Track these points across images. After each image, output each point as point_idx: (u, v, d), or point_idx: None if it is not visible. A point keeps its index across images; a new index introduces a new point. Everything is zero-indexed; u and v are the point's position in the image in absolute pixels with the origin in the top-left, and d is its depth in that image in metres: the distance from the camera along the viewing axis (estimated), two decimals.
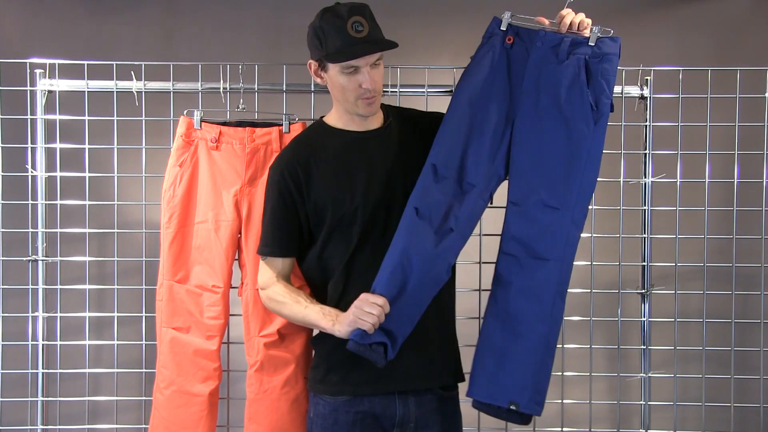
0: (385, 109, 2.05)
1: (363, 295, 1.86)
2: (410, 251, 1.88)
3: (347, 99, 1.93)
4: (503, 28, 2.00)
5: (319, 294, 2.02)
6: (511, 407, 1.93)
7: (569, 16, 1.98)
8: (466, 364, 2.03)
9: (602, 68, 1.96)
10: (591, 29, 1.98)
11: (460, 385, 2.06)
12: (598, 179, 2.46)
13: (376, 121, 2.01)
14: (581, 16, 1.98)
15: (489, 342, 1.97)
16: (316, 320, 1.93)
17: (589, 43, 1.97)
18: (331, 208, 1.94)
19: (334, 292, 1.96)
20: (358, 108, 1.94)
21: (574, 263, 2.39)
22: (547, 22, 2.00)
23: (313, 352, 2.07)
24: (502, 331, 1.96)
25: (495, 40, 2.01)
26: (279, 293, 1.99)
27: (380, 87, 1.94)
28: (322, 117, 2.05)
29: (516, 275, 1.96)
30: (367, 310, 1.83)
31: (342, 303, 1.94)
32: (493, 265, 2.01)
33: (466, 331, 2.22)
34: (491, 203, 2.02)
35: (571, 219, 1.95)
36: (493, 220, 2.20)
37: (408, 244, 1.89)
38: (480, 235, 2.36)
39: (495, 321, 1.97)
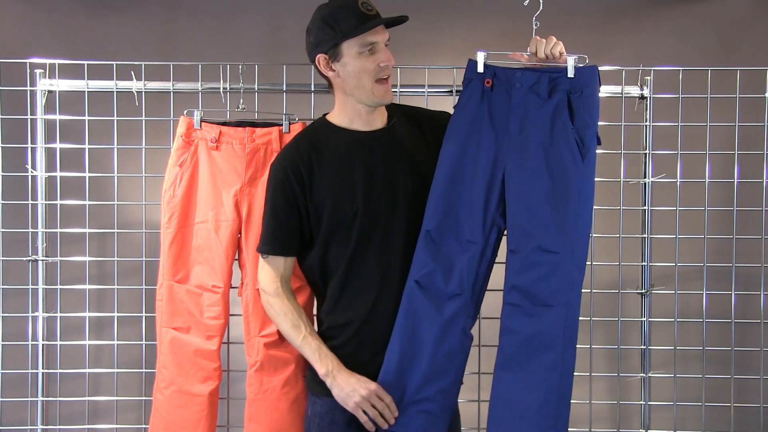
0: (389, 108, 2.03)
1: (374, 386, 1.87)
2: (419, 327, 1.89)
3: (364, 86, 1.91)
4: (480, 70, 1.95)
5: (320, 295, 2.02)
6: None
7: (541, 45, 1.93)
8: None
9: (584, 102, 1.92)
10: (567, 58, 1.92)
11: (468, 386, 2.05)
12: (599, 179, 2.47)
13: (379, 121, 2.00)
14: (552, 41, 1.93)
15: (502, 395, 1.93)
16: (310, 360, 1.94)
17: (568, 76, 1.92)
18: (331, 208, 1.93)
19: (334, 293, 1.96)
20: (375, 95, 1.92)
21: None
22: (523, 56, 1.97)
23: None
24: (515, 383, 1.91)
25: (474, 85, 1.96)
26: (281, 309, 1.98)
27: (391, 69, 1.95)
28: (325, 115, 2.04)
29: (522, 325, 1.91)
30: (373, 402, 1.86)
31: (340, 304, 1.94)
32: (501, 265, 1.98)
33: None
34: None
35: (572, 261, 1.90)
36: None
37: (413, 321, 1.90)
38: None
39: (505, 374, 1.92)
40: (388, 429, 1.89)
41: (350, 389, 1.88)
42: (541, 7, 2.00)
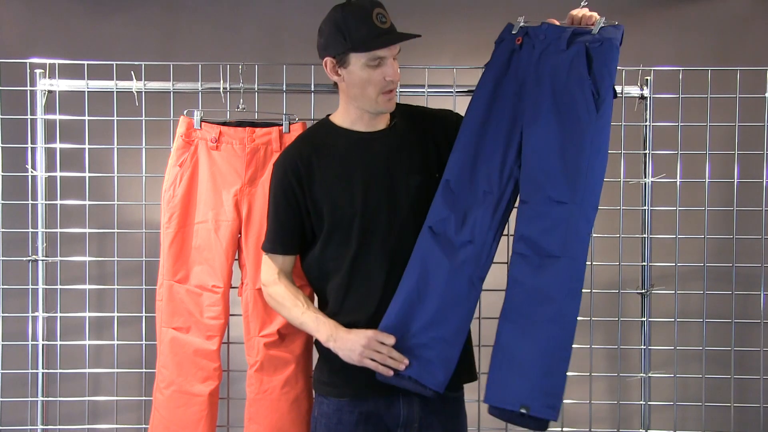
0: None
1: (371, 333, 1.86)
2: (426, 272, 1.88)
3: (368, 95, 1.91)
4: (514, 32, 1.98)
5: (320, 294, 2.02)
6: (522, 411, 1.85)
7: (580, 11, 1.97)
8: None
9: (603, 53, 1.90)
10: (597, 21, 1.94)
11: (469, 386, 2.05)
12: None
13: (382, 122, 1.99)
14: (592, 12, 1.96)
15: (501, 345, 1.92)
16: (311, 329, 1.95)
17: (593, 33, 1.92)
18: (330, 208, 1.93)
19: (338, 295, 1.95)
20: (379, 104, 1.92)
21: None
22: (557, 23, 1.98)
23: (315, 352, 2.07)
24: (514, 334, 1.90)
25: (505, 45, 1.99)
26: (279, 294, 2.00)
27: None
28: (329, 115, 2.03)
29: (527, 275, 1.90)
30: (375, 348, 1.85)
31: (345, 306, 1.94)
32: (501, 265, 1.99)
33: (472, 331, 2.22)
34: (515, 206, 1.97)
35: (581, 213, 1.87)
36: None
37: (423, 266, 1.89)
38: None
39: (507, 324, 1.92)
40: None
41: (351, 345, 1.87)
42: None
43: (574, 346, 1.88)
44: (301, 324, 1.97)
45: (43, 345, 2.49)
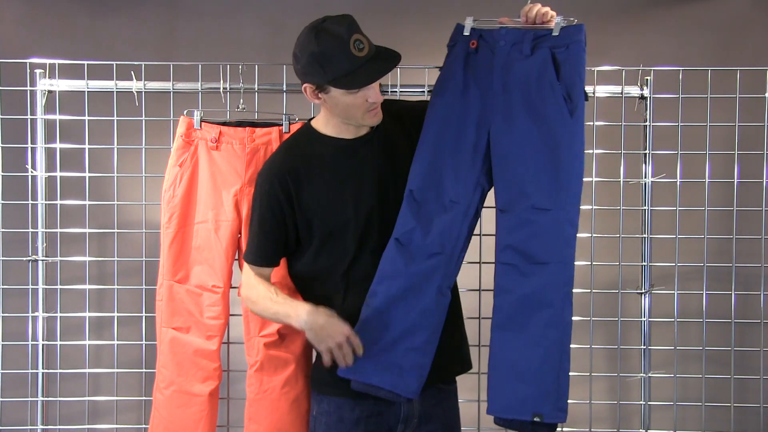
0: None
1: (349, 331, 1.84)
2: (393, 284, 1.88)
3: (353, 115, 1.89)
4: (466, 33, 1.96)
5: (310, 299, 1.98)
6: (536, 419, 1.86)
7: (533, 8, 1.93)
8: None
9: (569, 57, 1.89)
10: (555, 21, 1.92)
11: (469, 387, 2.05)
12: (598, 179, 2.48)
13: (366, 127, 1.97)
14: (546, 8, 1.93)
15: (502, 355, 1.92)
16: (285, 319, 1.90)
17: (553, 34, 1.90)
18: (322, 218, 1.92)
19: (336, 300, 1.94)
20: (365, 121, 1.91)
21: (575, 263, 2.39)
22: (511, 21, 1.95)
23: (314, 352, 2.07)
24: (513, 343, 1.90)
25: (459, 48, 1.96)
26: (254, 294, 1.96)
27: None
28: (310, 120, 2.02)
29: (518, 284, 1.90)
30: (345, 347, 1.82)
31: (344, 310, 1.92)
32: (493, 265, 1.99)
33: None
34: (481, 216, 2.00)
35: (565, 218, 1.89)
36: (492, 218, 2.19)
37: (390, 278, 1.89)
38: (480, 234, 2.35)
39: (504, 333, 1.91)
40: (357, 383, 1.88)
41: (331, 332, 1.83)
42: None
43: (574, 346, 1.89)
44: (273, 315, 1.94)
45: (43, 345, 2.49)
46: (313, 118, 2.02)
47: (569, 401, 2.51)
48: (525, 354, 1.89)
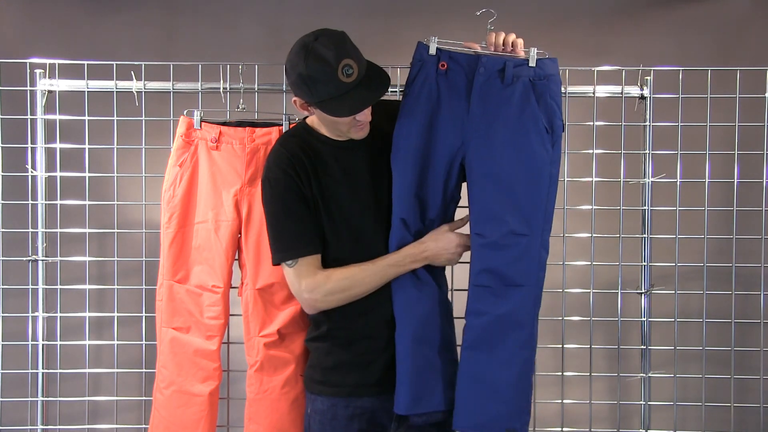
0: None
1: (455, 231, 1.95)
2: (407, 313, 1.96)
3: (339, 130, 1.92)
4: (432, 52, 1.95)
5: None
6: None
7: (499, 35, 1.95)
8: None
9: (549, 89, 1.95)
10: (529, 51, 1.95)
11: None
12: (598, 179, 2.48)
13: None
14: (512, 35, 1.96)
15: (471, 373, 1.96)
16: (407, 264, 1.92)
17: (530, 65, 1.94)
18: (325, 207, 1.93)
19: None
20: (351, 135, 1.93)
21: (575, 263, 2.41)
22: (478, 46, 1.97)
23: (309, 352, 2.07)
24: (488, 362, 1.95)
25: (427, 68, 1.95)
26: (338, 278, 1.90)
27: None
28: (305, 119, 2.02)
29: (492, 305, 1.95)
30: (465, 242, 1.96)
31: (344, 308, 1.94)
32: None
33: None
34: None
35: (540, 243, 1.95)
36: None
37: (404, 308, 1.96)
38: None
39: (475, 353, 1.96)
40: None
41: (445, 244, 1.94)
42: (495, 15, 2.01)
43: (574, 346, 1.90)
44: (383, 275, 1.91)
45: (43, 345, 2.49)
46: (308, 116, 2.02)
47: (570, 401, 2.55)
48: (498, 374, 1.95)
